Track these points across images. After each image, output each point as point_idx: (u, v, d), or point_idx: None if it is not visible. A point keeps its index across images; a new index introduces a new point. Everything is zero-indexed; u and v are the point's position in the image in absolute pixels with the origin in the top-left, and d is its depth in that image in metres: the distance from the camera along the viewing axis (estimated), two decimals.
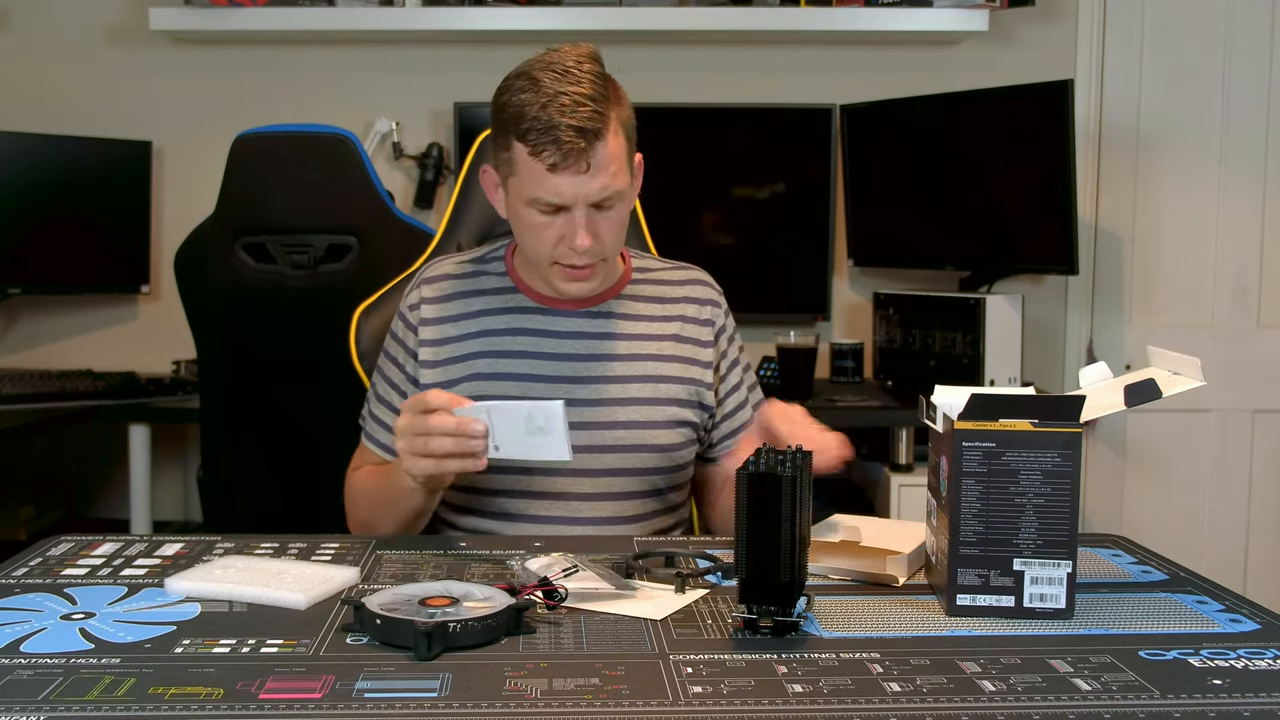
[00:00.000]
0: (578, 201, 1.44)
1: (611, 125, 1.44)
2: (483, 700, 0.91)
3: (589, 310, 1.59)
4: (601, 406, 1.54)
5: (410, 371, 1.59)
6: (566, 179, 1.42)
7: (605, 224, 1.48)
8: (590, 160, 1.42)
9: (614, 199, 1.47)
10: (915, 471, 2.76)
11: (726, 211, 3.19)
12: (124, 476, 2.92)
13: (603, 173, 1.43)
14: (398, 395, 1.60)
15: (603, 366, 1.56)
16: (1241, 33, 3.16)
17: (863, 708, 0.90)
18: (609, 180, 1.44)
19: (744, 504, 1.05)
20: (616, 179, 1.45)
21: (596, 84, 1.43)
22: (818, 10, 3.03)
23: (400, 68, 3.22)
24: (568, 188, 1.43)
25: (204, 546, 1.36)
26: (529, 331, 1.57)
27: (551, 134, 1.40)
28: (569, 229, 1.46)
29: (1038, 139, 2.80)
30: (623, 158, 1.47)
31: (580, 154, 1.41)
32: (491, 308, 1.59)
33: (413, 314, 1.60)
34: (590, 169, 1.42)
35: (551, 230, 1.47)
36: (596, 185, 1.44)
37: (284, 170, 2.28)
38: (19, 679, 0.95)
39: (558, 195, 1.44)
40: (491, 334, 1.57)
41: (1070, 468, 1.12)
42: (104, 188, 3.11)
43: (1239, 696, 0.93)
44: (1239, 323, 3.23)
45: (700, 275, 1.69)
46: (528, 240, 1.51)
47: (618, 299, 1.61)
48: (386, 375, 1.62)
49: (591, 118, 1.41)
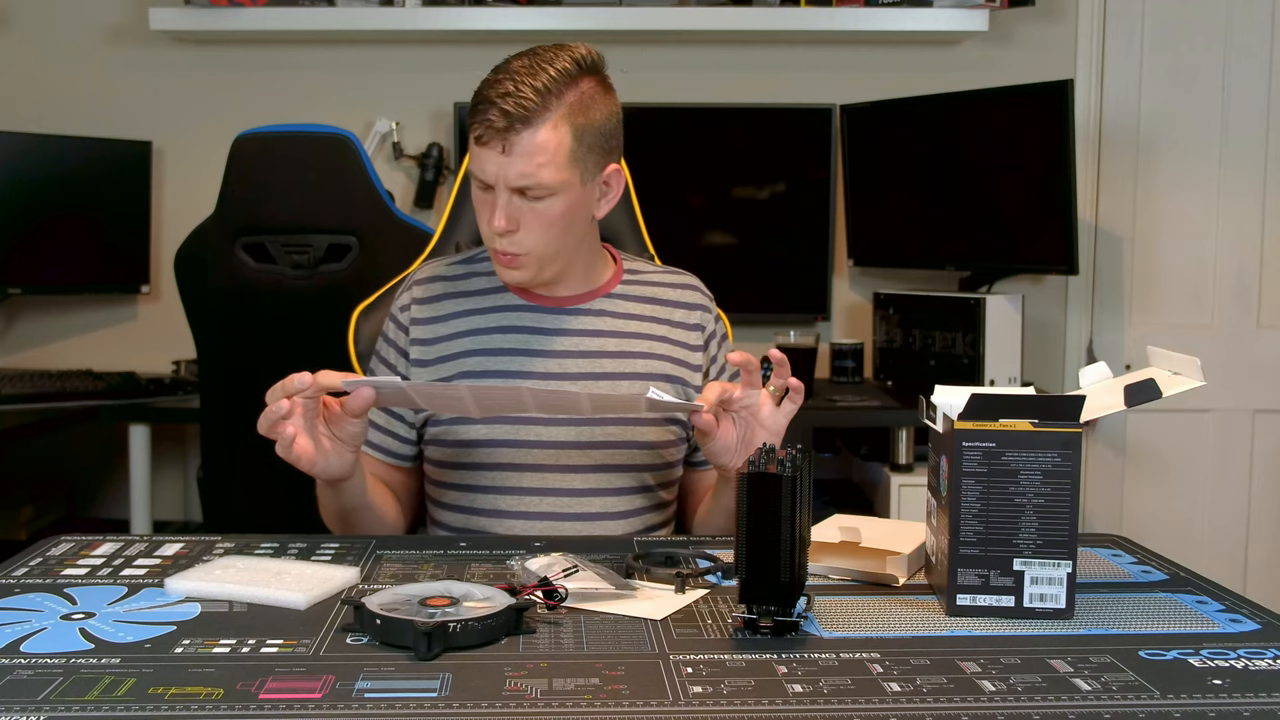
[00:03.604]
0: (498, 182, 1.46)
1: (551, 119, 1.44)
2: (483, 700, 0.91)
3: (578, 308, 1.60)
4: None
5: (402, 371, 1.60)
6: (489, 155, 1.45)
7: (530, 214, 1.48)
8: (508, 143, 1.43)
9: (538, 191, 1.46)
10: (915, 471, 2.76)
11: (726, 211, 3.19)
12: (124, 476, 2.92)
13: (525, 160, 1.44)
14: None
15: (591, 364, 1.56)
16: (1241, 33, 3.16)
17: (863, 708, 0.90)
18: (530, 169, 1.44)
19: (744, 504, 1.05)
20: (542, 171, 1.44)
21: (555, 79, 1.44)
22: (818, 10, 3.03)
23: (400, 68, 3.22)
24: (489, 164, 1.45)
25: (204, 546, 1.36)
26: (517, 329, 1.58)
27: (482, 109, 1.44)
28: (492, 211, 1.48)
29: (1038, 139, 2.81)
30: (560, 155, 1.45)
31: (499, 134, 1.43)
32: (481, 307, 1.60)
33: (403, 314, 1.61)
34: (507, 151, 1.44)
35: (484, 210, 1.50)
36: (515, 170, 1.44)
37: (284, 170, 2.28)
38: (19, 679, 0.95)
39: (481, 170, 1.47)
40: (480, 332, 1.58)
41: (1070, 468, 1.12)
42: (104, 188, 3.11)
43: (1239, 696, 0.93)
44: (1239, 323, 3.23)
45: (690, 280, 1.70)
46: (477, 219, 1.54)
47: (607, 298, 1.62)
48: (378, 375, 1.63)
49: (522, 104, 1.42)
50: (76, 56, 3.23)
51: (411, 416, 1.60)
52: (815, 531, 1.27)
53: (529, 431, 1.53)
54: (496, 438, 1.52)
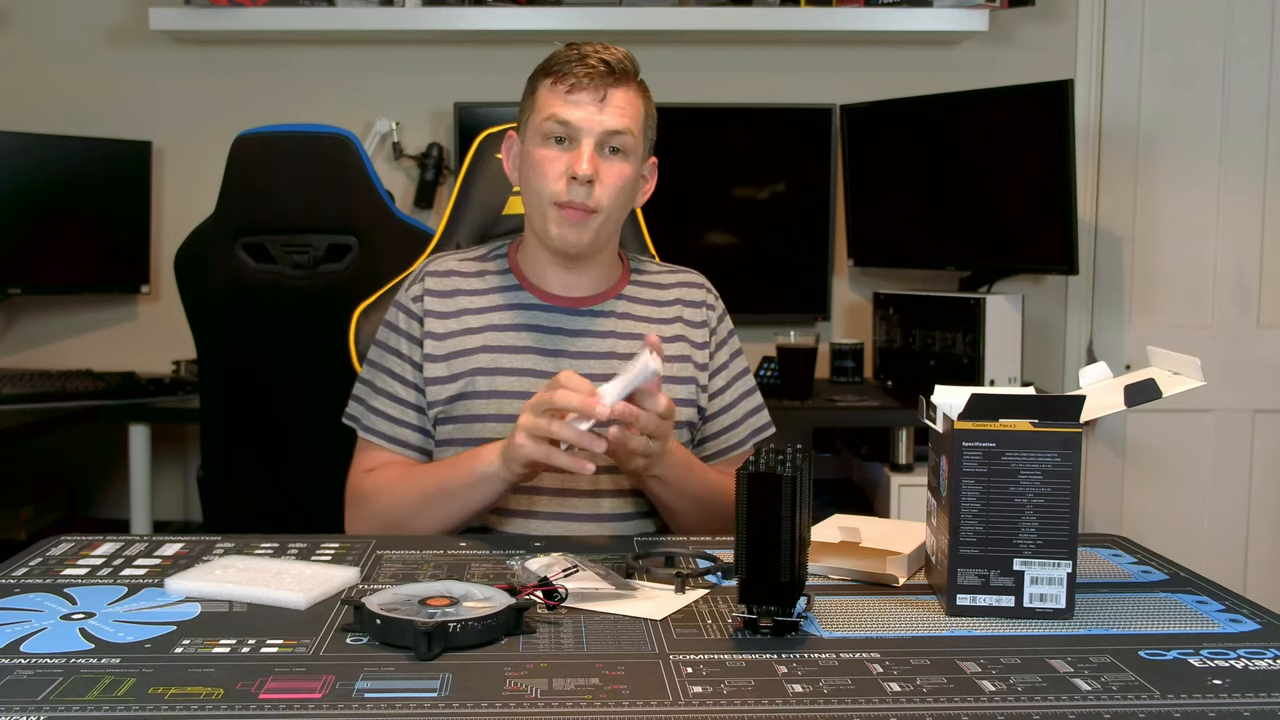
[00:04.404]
0: (586, 130, 1.50)
1: (635, 87, 1.54)
2: (483, 700, 0.91)
3: (591, 309, 1.60)
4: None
5: (417, 359, 1.57)
6: (580, 103, 1.50)
7: (608, 170, 1.52)
8: (608, 92, 1.50)
9: (623, 144, 1.52)
10: (915, 471, 2.76)
11: (726, 211, 3.19)
12: (124, 476, 2.92)
13: (619, 112, 1.51)
14: (401, 387, 1.59)
15: (605, 364, 1.56)
16: (1241, 33, 3.16)
17: (863, 708, 0.90)
18: (624, 120, 1.51)
19: (744, 504, 1.05)
20: (632, 125, 1.52)
21: (632, 60, 1.55)
22: (818, 10, 3.03)
23: (400, 68, 3.22)
24: (579, 112, 1.50)
25: (204, 546, 1.36)
26: (532, 328, 1.58)
27: (578, 64, 1.50)
28: (575, 159, 1.50)
29: (1038, 139, 2.80)
30: (640, 120, 1.55)
31: (599, 82, 1.50)
32: (495, 304, 1.60)
33: (416, 305, 1.60)
34: (606, 101, 1.50)
35: (558, 164, 1.51)
36: (610, 118, 1.50)
37: (284, 170, 2.28)
38: (19, 679, 0.95)
39: (568, 117, 1.50)
40: (496, 329, 1.58)
41: (1070, 468, 1.12)
42: (104, 188, 3.11)
43: (1239, 696, 0.93)
44: (1239, 323, 3.23)
45: (695, 278, 1.70)
46: (532, 180, 1.54)
47: (619, 299, 1.62)
48: (386, 368, 1.60)
49: (621, 60, 1.52)
50: (76, 56, 3.23)
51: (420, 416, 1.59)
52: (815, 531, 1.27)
53: None
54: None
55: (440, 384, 1.56)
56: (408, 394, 1.59)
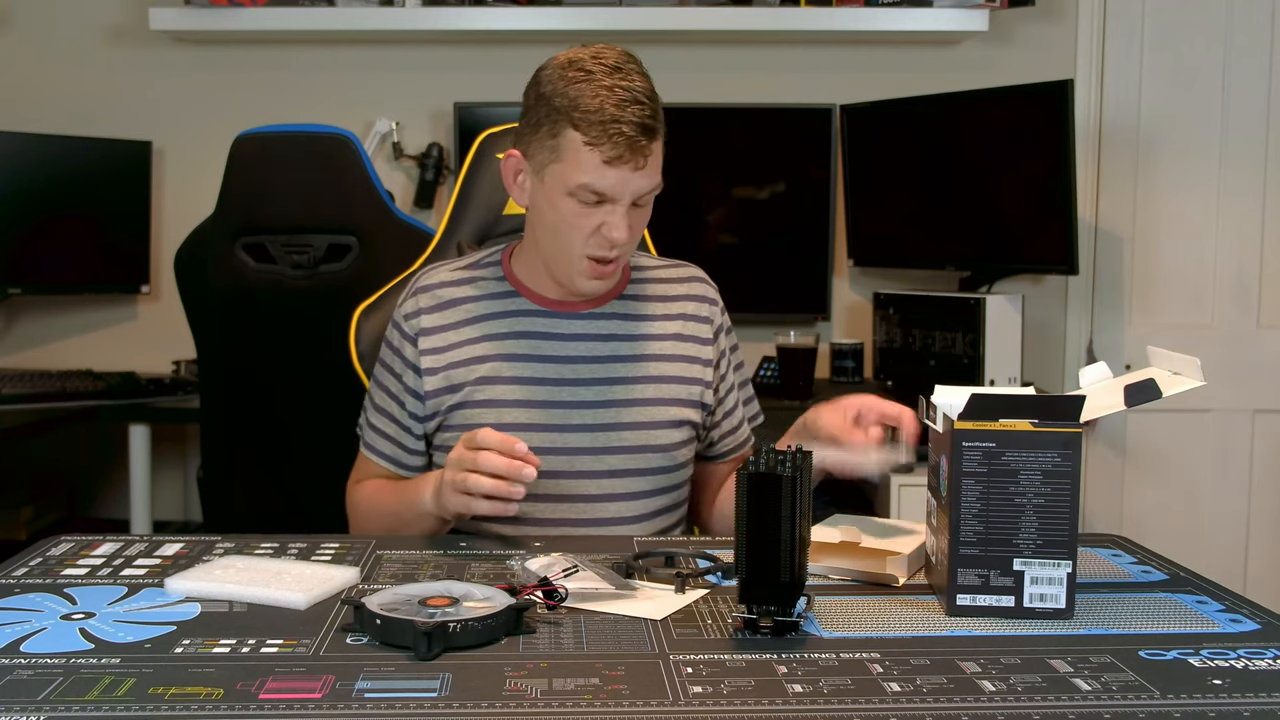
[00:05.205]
0: (624, 196, 1.45)
1: (662, 126, 1.47)
2: (483, 700, 0.91)
3: (592, 312, 1.59)
4: (608, 408, 1.54)
5: (409, 383, 1.58)
6: (621, 173, 1.43)
7: (638, 219, 1.50)
8: (647, 157, 1.44)
9: (649, 197, 1.49)
10: (915, 471, 2.76)
11: (726, 211, 3.19)
12: (124, 476, 2.92)
13: (653, 170, 1.47)
14: (396, 405, 1.60)
15: (607, 368, 1.56)
16: (1241, 33, 3.16)
17: (863, 708, 0.90)
18: (656, 178, 1.48)
19: (744, 504, 1.05)
20: (658, 178, 1.49)
21: (648, 83, 1.46)
22: (818, 10, 3.03)
23: (400, 68, 3.22)
24: (620, 182, 1.44)
25: (204, 546, 1.36)
26: (532, 335, 1.57)
27: (615, 127, 1.41)
28: (609, 221, 1.46)
29: (1038, 139, 2.80)
30: (661, 159, 1.49)
31: (640, 151, 1.43)
32: (492, 312, 1.58)
33: (409, 324, 1.59)
34: (646, 166, 1.45)
35: (589, 221, 1.46)
36: (647, 182, 1.46)
37: (284, 170, 2.28)
38: (19, 679, 0.95)
39: (609, 188, 1.44)
40: (495, 338, 1.57)
41: (1070, 468, 1.12)
42: (104, 188, 3.11)
43: (1239, 696, 0.93)
44: (1239, 323, 3.23)
45: (697, 273, 1.69)
46: (559, 231, 1.49)
47: (620, 299, 1.61)
48: (384, 385, 1.61)
49: (653, 115, 1.44)
50: (76, 56, 3.23)
51: (420, 428, 1.59)
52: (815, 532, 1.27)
53: (543, 438, 1.51)
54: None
55: (439, 395, 1.56)
56: (400, 413, 1.59)
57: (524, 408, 1.53)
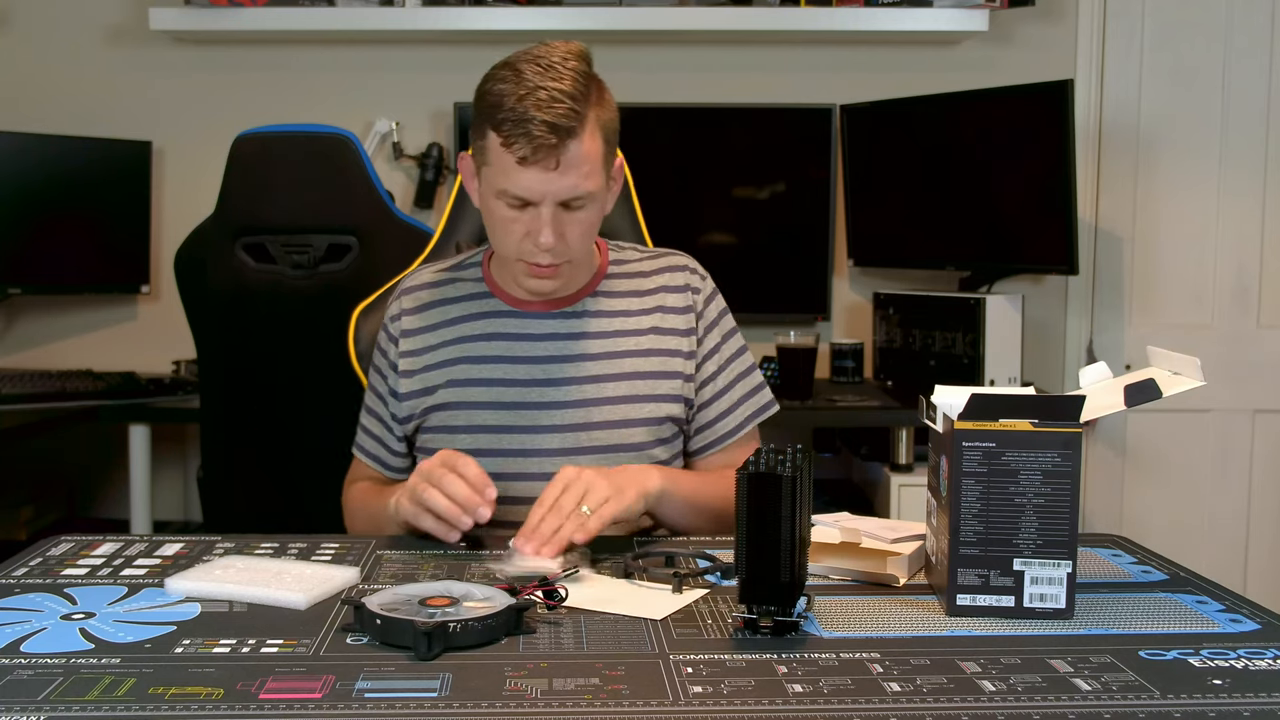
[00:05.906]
0: (545, 199, 1.42)
1: (588, 126, 1.42)
2: (483, 700, 0.91)
3: (563, 311, 1.58)
4: (577, 408, 1.53)
5: (392, 385, 1.59)
6: (535, 174, 1.40)
7: (572, 225, 1.46)
8: (560, 158, 1.40)
9: (583, 200, 1.45)
10: (915, 471, 2.76)
11: (726, 211, 3.19)
12: (124, 476, 2.92)
13: (573, 172, 1.41)
14: (381, 406, 1.62)
15: (576, 367, 1.55)
16: (1241, 33, 3.16)
17: (863, 708, 0.90)
18: (579, 180, 1.42)
19: (744, 504, 1.05)
20: (588, 180, 1.43)
21: (578, 82, 1.41)
22: (818, 10, 3.03)
23: (400, 68, 3.22)
24: (536, 184, 1.41)
25: (204, 546, 1.36)
26: (502, 336, 1.57)
27: (524, 127, 1.38)
28: (535, 225, 1.44)
29: (1038, 139, 2.80)
30: (597, 160, 1.44)
31: (551, 150, 1.39)
32: (466, 314, 1.59)
33: (393, 325, 1.61)
34: (560, 166, 1.40)
35: (518, 225, 1.45)
36: (565, 184, 1.42)
37: (284, 170, 2.28)
38: (19, 679, 0.95)
39: (525, 190, 1.42)
40: (466, 340, 1.57)
41: (1070, 468, 1.12)
42: (104, 188, 3.11)
43: (1239, 696, 0.93)
44: (1239, 323, 3.23)
45: (679, 260, 1.65)
46: (495, 233, 1.50)
47: (592, 297, 1.59)
48: (373, 386, 1.64)
49: (567, 115, 1.39)
50: (76, 56, 3.23)
51: (400, 429, 1.60)
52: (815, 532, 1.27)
53: (515, 440, 1.52)
54: (483, 448, 1.51)
55: (414, 397, 1.57)
56: (385, 414, 1.61)
57: (494, 410, 1.53)
